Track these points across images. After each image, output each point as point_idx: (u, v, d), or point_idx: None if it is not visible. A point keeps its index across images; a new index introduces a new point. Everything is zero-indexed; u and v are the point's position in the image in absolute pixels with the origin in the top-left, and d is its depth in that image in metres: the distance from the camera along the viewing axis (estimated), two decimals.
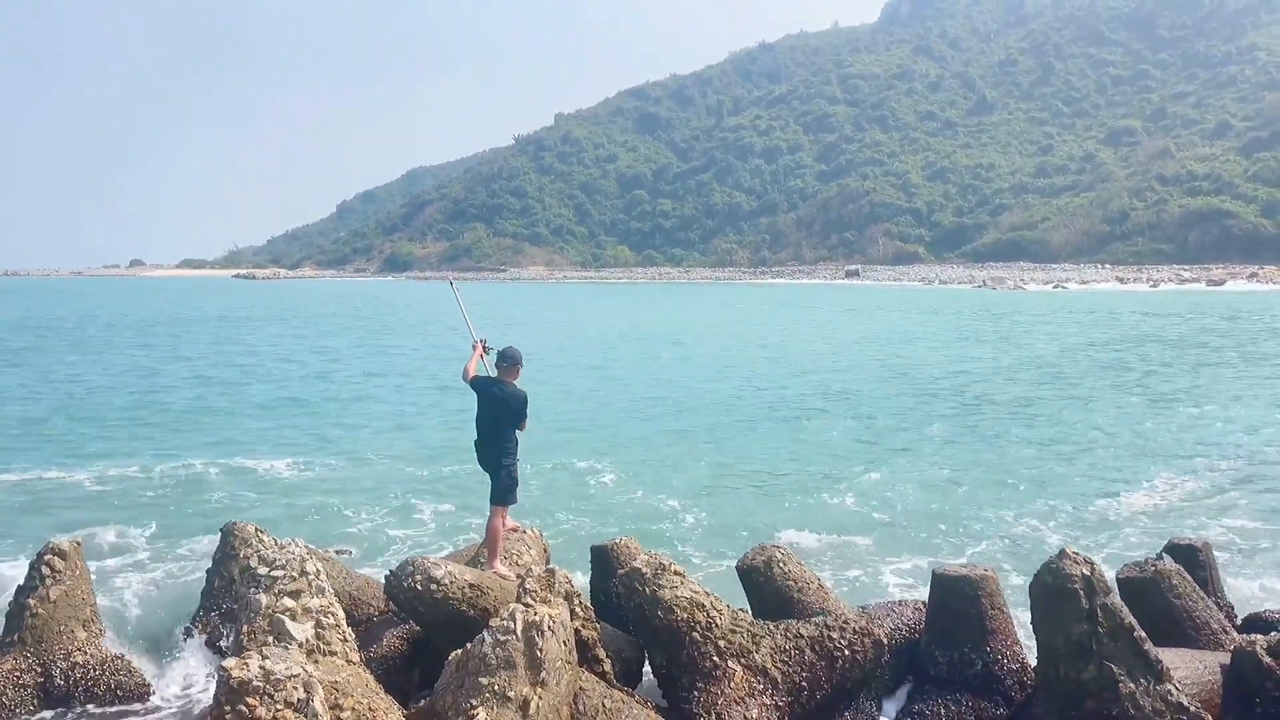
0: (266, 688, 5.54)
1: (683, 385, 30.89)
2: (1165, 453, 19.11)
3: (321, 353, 42.95)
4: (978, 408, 25.36)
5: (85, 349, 43.43)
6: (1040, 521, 14.24)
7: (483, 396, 8.89)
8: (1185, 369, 33.07)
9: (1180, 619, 8.40)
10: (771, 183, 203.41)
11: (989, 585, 8.11)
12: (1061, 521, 14.22)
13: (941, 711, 7.86)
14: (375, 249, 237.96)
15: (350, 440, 21.16)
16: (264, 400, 27.62)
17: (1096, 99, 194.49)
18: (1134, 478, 16.98)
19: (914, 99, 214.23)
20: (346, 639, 6.89)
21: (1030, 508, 14.98)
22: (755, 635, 7.90)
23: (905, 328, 55.05)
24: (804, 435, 21.77)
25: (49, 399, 27.35)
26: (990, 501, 15.41)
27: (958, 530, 13.82)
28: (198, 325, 61.15)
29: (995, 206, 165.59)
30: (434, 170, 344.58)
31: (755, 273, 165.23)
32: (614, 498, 16.00)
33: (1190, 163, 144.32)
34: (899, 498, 15.70)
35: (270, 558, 7.01)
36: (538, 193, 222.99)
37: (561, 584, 7.20)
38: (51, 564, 8.51)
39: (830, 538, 13.37)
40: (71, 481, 16.77)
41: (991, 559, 12.06)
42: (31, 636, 8.33)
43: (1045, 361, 36.12)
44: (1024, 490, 16.15)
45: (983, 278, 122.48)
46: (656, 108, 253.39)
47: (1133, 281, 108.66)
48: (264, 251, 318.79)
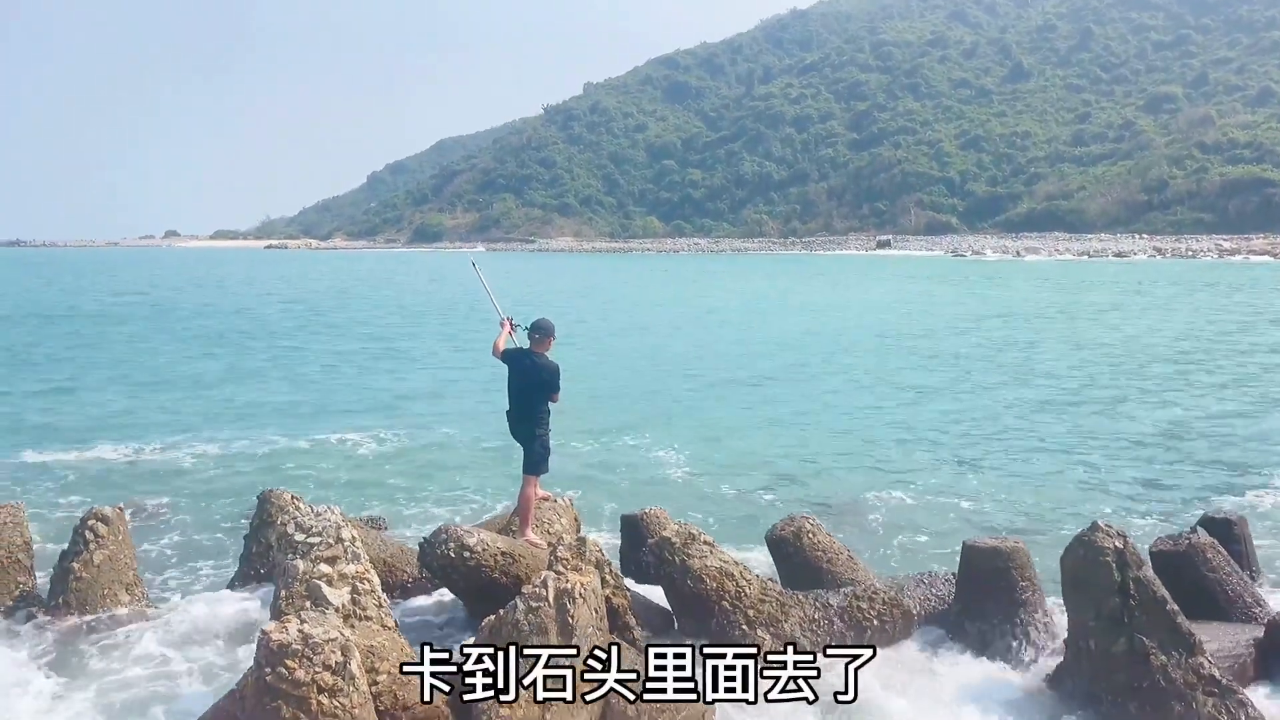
0: (305, 651, 5.65)
1: (723, 358, 30.88)
2: (1205, 428, 18.88)
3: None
4: (1017, 380, 25.15)
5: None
6: (1073, 494, 14.15)
7: (513, 367, 8.95)
8: (1221, 341, 32.59)
9: (1214, 592, 8.35)
10: (802, 152, 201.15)
11: (1019, 557, 8.10)
12: (1094, 494, 14.12)
13: (972, 683, 7.88)
14: (405, 219, 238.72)
15: (389, 412, 21.40)
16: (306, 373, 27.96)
17: (1136, 65, 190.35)
18: (1174, 452, 16.80)
19: (948, 66, 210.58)
20: (382, 604, 7.02)
21: (1063, 480, 14.89)
22: (784, 605, 7.95)
23: (939, 302, 54.59)
24: (835, 410, 21.71)
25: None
26: (1023, 474, 15.32)
27: (988, 502, 13.76)
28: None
29: (1030, 176, 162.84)
30: (463, 140, 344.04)
31: (785, 243, 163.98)
32: (644, 467, 16.07)
33: (1232, 130, 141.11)
34: (930, 470, 15.65)
35: (307, 524, 7.13)
36: (567, 163, 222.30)
37: (592, 552, 7.28)
38: (95, 529, 8.72)
39: (861, 509, 13.37)
40: (115, 455, 17.10)
41: (1022, 531, 12.00)
42: (76, 599, 8.55)
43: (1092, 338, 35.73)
44: (1057, 463, 16.04)
45: (1017, 248, 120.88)
46: (686, 76, 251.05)
47: (1171, 253, 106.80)
48: (295, 222, 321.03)
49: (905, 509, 13.46)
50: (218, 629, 9.12)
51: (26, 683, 7.82)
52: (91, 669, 8.10)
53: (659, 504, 10.46)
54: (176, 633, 8.91)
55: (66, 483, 14.84)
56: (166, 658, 8.39)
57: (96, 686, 7.80)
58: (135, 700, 7.60)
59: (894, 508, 13.52)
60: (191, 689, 7.82)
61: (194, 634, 8.98)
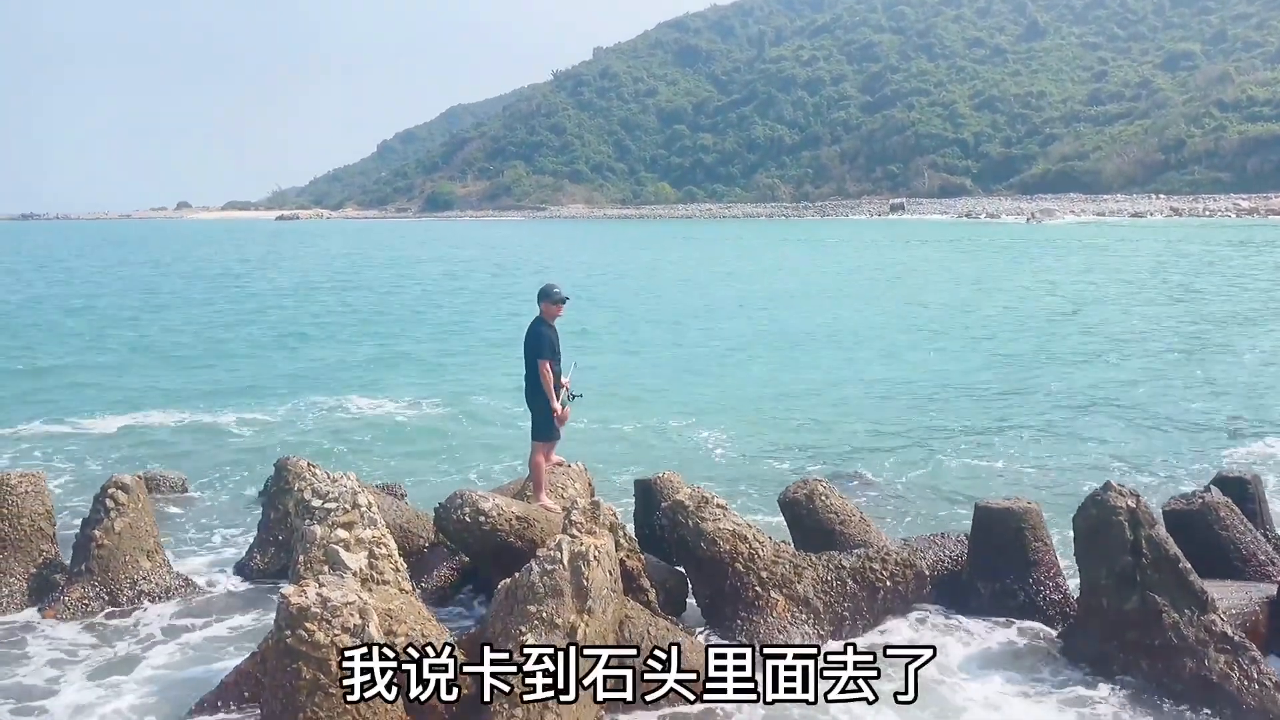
0: (324, 614, 5.74)
1: (740, 324, 30.85)
2: (1218, 385, 18.79)
3: None
4: (1022, 343, 25.06)
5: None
6: (1086, 455, 14.13)
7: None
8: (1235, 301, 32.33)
9: (1227, 551, 8.35)
10: (814, 115, 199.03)
11: (1032, 517, 8.12)
12: (1107, 455, 14.10)
13: (984, 641, 7.94)
14: (416, 188, 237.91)
15: (411, 378, 21.52)
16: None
17: (1154, 21, 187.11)
18: (1184, 411, 16.74)
19: (962, 25, 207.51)
20: (399, 569, 7.10)
21: (1076, 442, 14.86)
22: (797, 566, 8.00)
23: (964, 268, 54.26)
24: (844, 374, 21.69)
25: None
26: (1035, 435, 15.30)
27: (1001, 463, 13.77)
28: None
29: (1045, 136, 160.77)
30: (473, 108, 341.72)
31: (798, 208, 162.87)
32: (658, 432, 16.12)
33: (1251, 87, 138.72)
34: (943, 432, 15.64)
35: (323, 491, 7.21)
36: (577, 129, 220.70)
37: (606, 516, 7.32)
38: (115, 497, 8.82)
39: (872, 471, 13.40)
40: (135, 422, 17.26)
41: (1035, 493, 12.02)
42: (98, 566, 8.67)
43: (1086, 295, 35.49)
44: (1070, 424, 16.01)
45: (1032, 209, 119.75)
46: (696, 39, 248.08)
47: (1188, 213, 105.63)
48: (306, 192, 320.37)
49: (917, 470, 13.49)
50: (237, 594, 9.27)
51: (50, 647, 7.96)
52: (112, 634, 8.24)
53: (672, 468, 10.50)
54: (197, 598, 9.05)
55: (86, 450, 15.01)
56: (187, 623, 8.53)
57: (118, 651, 7.94)
58: (157, 664, 7.74)
59: (906, 469, 13.55)
60: (213, 653, 7.95)
61: (214, 599, 9.13)
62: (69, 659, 7.80)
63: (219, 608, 8.91)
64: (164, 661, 7.79)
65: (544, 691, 5.74)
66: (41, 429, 16.41)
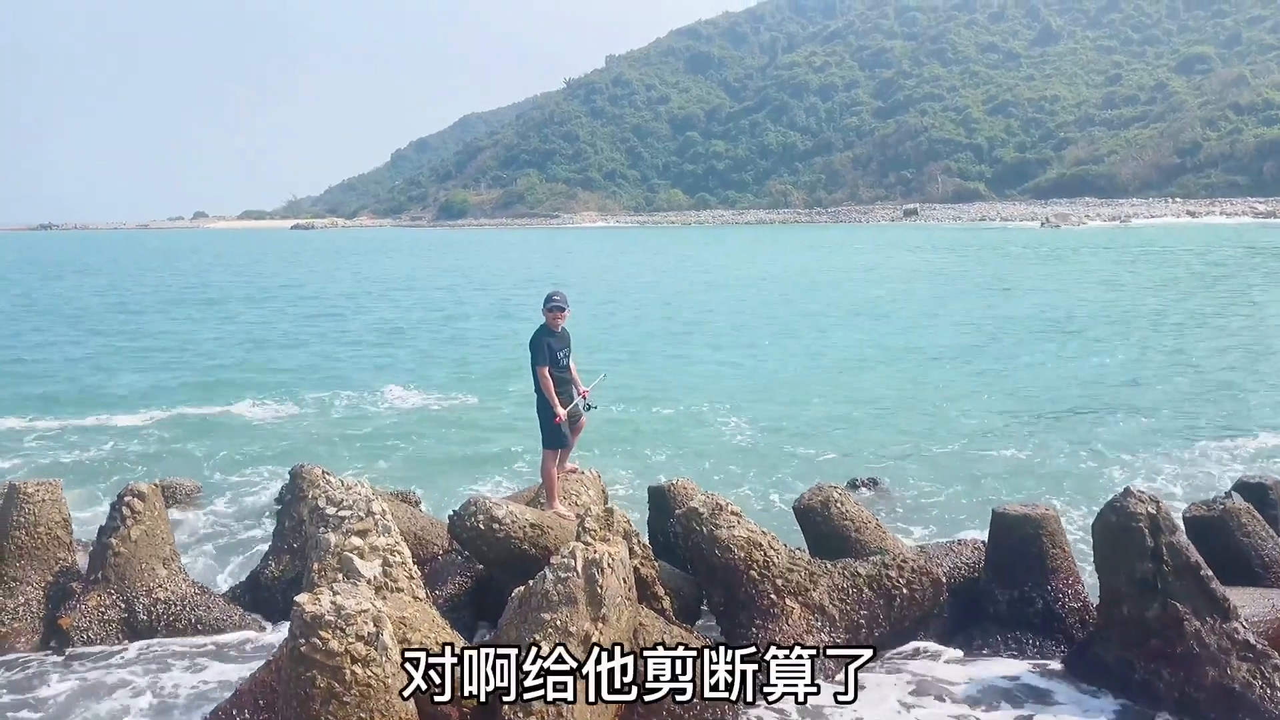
0: (338, 622, 5.72)
1: (752, 333, 30.78)
2: (1241, 391, 18.62)
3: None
4: (1036, 344, 24.90)
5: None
6: (1104, 461, 14.02)
7: None
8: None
9: (1249, 558, 8.26)
10: (827, 121, 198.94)
11: (1050, 524, 8.04)
12: (1126, 461, 13.98)
13: (1002, 650, 7.86)
14: (430, 197, 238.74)
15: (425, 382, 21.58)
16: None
17: (1168, 24, 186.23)
18: (1206, 416, 16.59)
19: (975, 30, 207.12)
20: (413, 576, 7.08)
21: (1095, 447, 14.75)
22: (813, 574, 7.94)
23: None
24: (858, 379, 21.61)
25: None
26: (1052, 441, 15.19)
27: (1018, 469, 13.67)
28: None
29: (1059, 141, 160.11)
30: (486, 116, 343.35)
31: (811, 214, 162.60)
32: (671, 439, 16.09)
33: (1267, 90, 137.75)
34: (959, 438, 15.55)
35: (338, 498, 7.20)
36: (590, 137, 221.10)
37: (620, 523, 7.29)
38: (131, 505, 8.83)
39: (889, 478, 13.33)
40: (147, 424, 17.35)
41: (1053, 499, 11.92)
42: (115, 574, 8.69)
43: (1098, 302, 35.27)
44: (1088, 429, 15.88)
45: (1046, 214, 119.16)
46: (709, 46, 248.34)
47: (1205, 215, 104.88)
48: (321, 201, 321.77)
49: (934, 477, 13.41)
50: (252, 601, 9.27)
51: (69, 655, 7.99)
52: (129, 641, 8.25)
53: (685, 475, 10.47)
54: (212, 605, 9.06)
55: (104, 457, 15.09)
56: (203, 629, 8.54)
57: (135, 659, 7.95)
58: (173, 671, 7.75)
59: (922, 475, 13.46)
60: (228, 660, 7.96)
61: (229, 607, 9.13)
62: (83, 667, 7.81)
63: (233, 615, 8.91)
64: (178, 669, 7.80)
65: (555, 692, 5.77)
66: (69, 430, 16.53)
